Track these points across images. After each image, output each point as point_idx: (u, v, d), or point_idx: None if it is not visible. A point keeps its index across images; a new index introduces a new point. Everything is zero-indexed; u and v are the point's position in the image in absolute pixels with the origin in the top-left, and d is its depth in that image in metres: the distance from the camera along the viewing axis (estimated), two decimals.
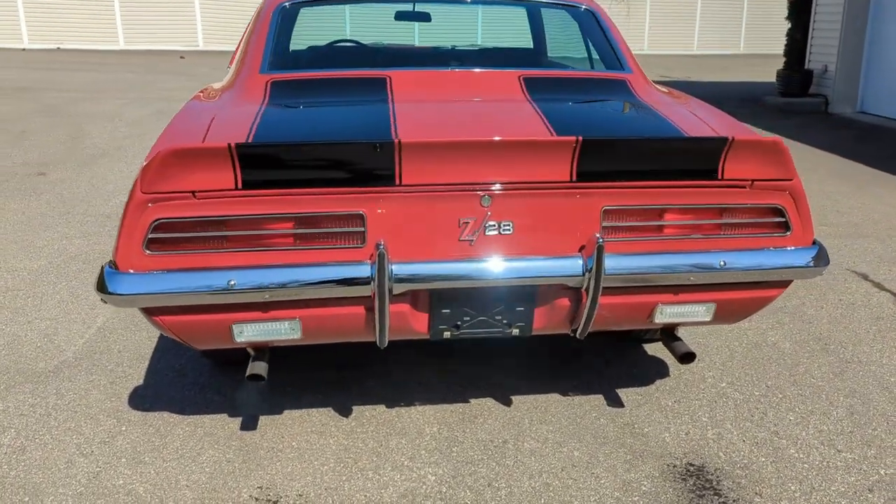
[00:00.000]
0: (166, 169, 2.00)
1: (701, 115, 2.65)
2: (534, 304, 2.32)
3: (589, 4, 3.30)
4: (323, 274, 2.10)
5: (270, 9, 3.09)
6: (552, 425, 2.73)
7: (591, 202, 2.22)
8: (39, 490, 2.35)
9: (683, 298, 2.35)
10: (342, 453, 2.56)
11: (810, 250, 2.35)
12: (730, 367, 3.17)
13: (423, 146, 2.06)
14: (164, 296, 2.07)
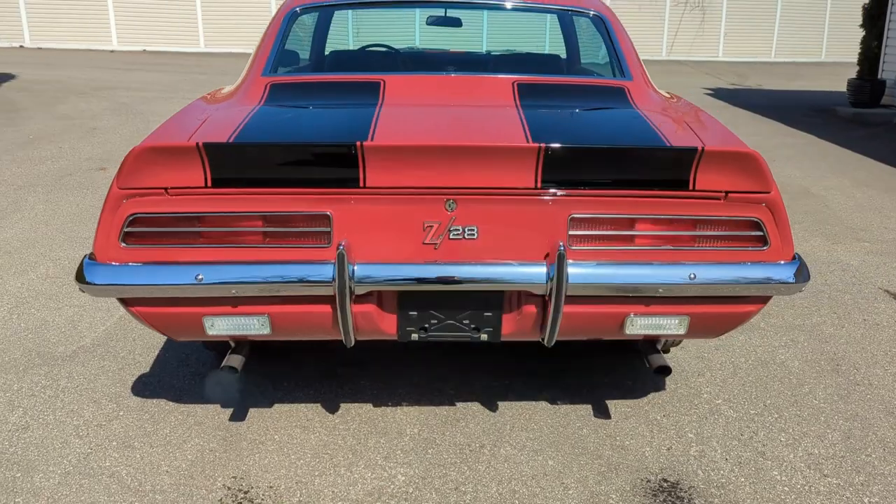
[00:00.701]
0: (140, 166, 2.08)
1: (694, 125, 2.59)
2: (501, 310, 2.32)
3: (598, 10, 3.26)
4: (286, 272, 2.15)
5: (282, 14, 3.17)
6: (533, 432, 2.71)
7: (558, 210, 2.19)
8: (32, 467, 2.47)
9: (655, 310, 2.30)
10: (321, 449, 2.61)
11: (789, 266, 2.27)
12: (730, 383, 3.07)
13: (385, 149, 2.09)
14: (136, 287, 2.16)
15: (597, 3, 3.35)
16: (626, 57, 3.05)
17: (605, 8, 3.32)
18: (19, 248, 4.53)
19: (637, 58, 3.13)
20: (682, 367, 3.20)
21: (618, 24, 3.23)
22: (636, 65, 3.05)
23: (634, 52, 3.17)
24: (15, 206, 5.40)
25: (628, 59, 3.05)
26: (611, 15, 3.27)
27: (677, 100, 3.08)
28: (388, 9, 3.48)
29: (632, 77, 2.97)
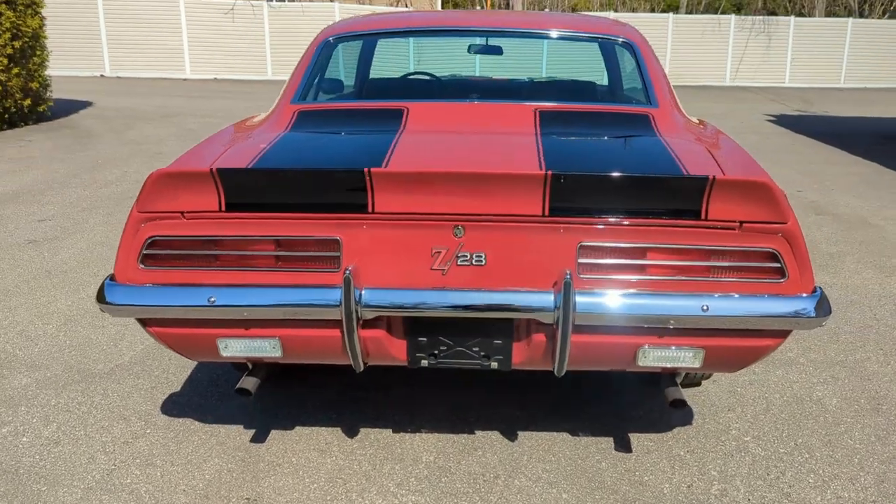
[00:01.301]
0: (158, 190, 2.14)
1: (716, 152, 2.52)
2: (511, 338, 2.28)
3: (627, 37, 3.22)
4: (295, 296, 2.16)
5: (316, 42, 3.24)
6: (550, 464, 2.66)
7: (567, 237, 2.16)
8: (57, 481, 2.54)
9: (668, 342, 2.23)
10: (336, 473, 2.61)
11: (808, 299, 2.17)
12: (761, 420, 2.95)
13: (392, 176, 2.09)
14: (152, 308, 2.21)
15: (627, 30, 3.31)
16: (653, 84, 3.00)
17: (634, 34, 3.28)
18: (75, 267, 4.70)
19: (666, 84, 3.08)
20: (712, 401, 3.09)
21: (647, 50, 3.19)
22: (664, 91, 3.00)
23: (664, 78, 3.12)
24: (77, 227, 5.61)
25: (656, 86, 2.99)
26: (640, 41, 3.23)
27: (704, 127, 3.01)
28: (423, 38, 3.51)
29: (658, 104, 2.92)
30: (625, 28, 3.35)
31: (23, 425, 2.88)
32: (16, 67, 10.11)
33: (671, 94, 3.10)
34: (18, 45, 10.10)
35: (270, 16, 19.01)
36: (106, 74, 18.22)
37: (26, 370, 3.33)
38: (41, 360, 3.43)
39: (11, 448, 2.73)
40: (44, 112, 10.92)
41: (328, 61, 3.27)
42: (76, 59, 17.71)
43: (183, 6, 18.20)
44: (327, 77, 3.23)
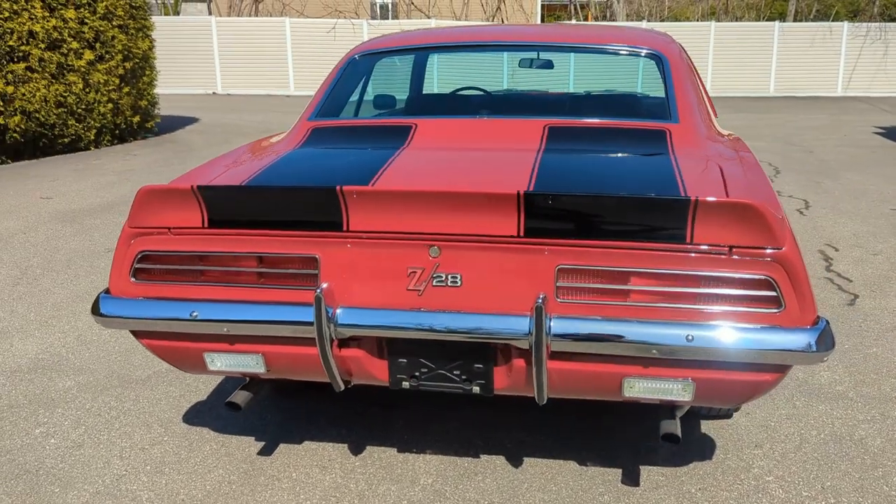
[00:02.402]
0: (145, 206, 2.18)
1: (729, 173, 2.34)
2: (492, 362, 2.19)
3: (655, 48, 3.04)
4: (273, 313, 2.16)
5: (343, 60, 3.24)
6: (550, 494, 2.53)
7: (544, 259, 2.04)
8: (70, 484, 2.63)
9: (654, 373, 2.07)
10: (331, 491, 2.57)
11: (807, 332, 1.96)
12: (789, 458, 2.71)
13: (365, 194, 2.05)
14: (140, 321, 2.25)
15: (659, 41, 3.13)
16: (677, 98, 2.82)
17: (665, 45, 3.10)
18: None
19: (694, 98, 2.89)
20: (739, 435, 2.87)
21: (677, 62, 3.00)
22: (689, 106, 2.81)
23: (692, 92, 2.94)
24: None
25: (679, 100, 2.82)
26: (671, 53, 3.05)
27: (732, 144, 2.80)
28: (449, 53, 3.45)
29: (679, 119, 2.75)
30: (657, 39, 3.18)
31: (55, 427, 3.00)
32: (126, 87, 10.74)
33: (700, 108, 2.91)
34: (129, 65, 10.73)
35: (370, 33, 19.43)
36: (218, 92, 19.10)
37: (73, 374, 3.48)
38: (88, 365, 3.58)
39: (39, 449, 2.85)
40: (151, 128, 11.55)
41: (354, 78, 3.26)
42: (191, 78, 18.65)
43: (288, 26, 18.87)
44: (351, 92, 3.22)
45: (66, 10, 9.59)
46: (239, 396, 2.47)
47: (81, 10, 9.85)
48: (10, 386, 3.36)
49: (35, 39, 9.21)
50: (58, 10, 9.51)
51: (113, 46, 10.35)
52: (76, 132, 9.92)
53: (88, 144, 10.22)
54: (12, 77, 8.94)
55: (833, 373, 3.39)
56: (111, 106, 10.39)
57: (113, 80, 10.40)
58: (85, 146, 10.16)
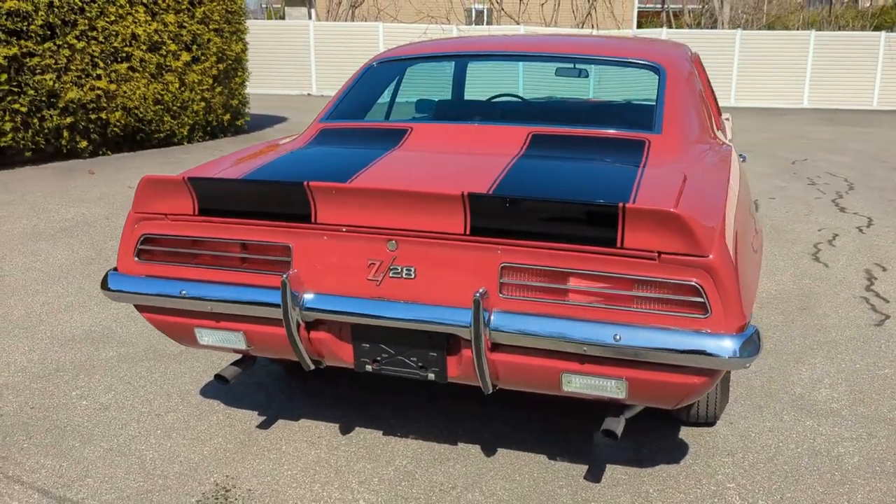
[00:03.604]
0: (146, 194, 2.43)
1: (692, 187, 2.39)
2: (445, 351, 2.33)
3: (654, 60, 3.09)
4: (248, 295, 2.37)
5: (362, 67, 3.44)
6: (511, 483, 2.64)
7: (490, 257, 2.18)
8: (89, 440, 2.93)
9: (589, 370, 2.16)
10: (312, 464, 2.77)
11: (731, 338, 2.01)
12: (758, 469, 2.72)
13: (329, 190, 2.23)
14: (140, 296, 2.51)
15: (662, 53, 3.18)
16: (666, 109, 2.88)
17: (668, 57, 3.14)
18: None
19: (687, 110, 2.93)
20: (715, 442, 2.89)
21: (676, 74, 3.05)
22: (677, 117, 2.86)
23: (689, 103, 2.98)
24: None
25: (667, 111, 2.87)
26: (671, 65, 3.09)
27: (717, 156, 2.82)
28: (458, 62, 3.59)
29: (662, 130, 2.80)
30: (661, 51, 3.22)
31: (89, 391, 3.34)
32: (219, 87, 11.36)
33: (693, 119, 2.95)
34: (223, 67, 11.35)
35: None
36: (312, 93, 19.80)
37: (116, 346, 3.83)
38: (131, 339, 3.92)
39: (72, 408, 3.18)
40: (241, 126, 12.17)
41: (373, 84, 3.46)
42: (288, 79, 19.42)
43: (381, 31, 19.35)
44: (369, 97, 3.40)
45: (166, 15, 10.26)
46: (228, 371, 2.71)
47: (181, 14, 10.51)
48: (62, 353, 3.73)
49: (137, 41, 9.90)
50: (159, 14, 10.19)
51: (208, 49, 10.98)
52: (171, 128, 10.59)
53: (182, 140, 10.88)
54: (115, 76, 9.65)
55: (833, 390, 3.33)
56: (204, 104, 11.02)
57: (207, 80, 11.03)
58: (178, 141, 10.83)
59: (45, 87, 8.76)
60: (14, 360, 3.65)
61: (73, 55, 9.09)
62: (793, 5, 26.48)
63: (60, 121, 9.07)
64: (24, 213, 6.57)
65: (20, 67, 8.55)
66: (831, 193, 7.88)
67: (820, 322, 4.16)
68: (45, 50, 8.74)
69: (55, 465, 2.76)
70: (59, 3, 8.84)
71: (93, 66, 9.37)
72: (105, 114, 9.57)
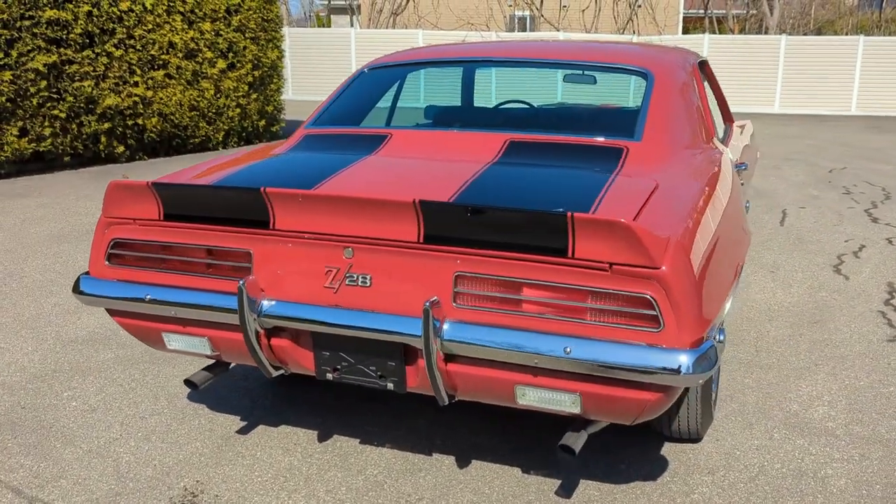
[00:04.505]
0: (113, 199, 2.44)
1: (659, 196, 2.30)
2: (404, 361, 2.28)
3: (643, 66, 3.00)
4: (208, 300, 2.36)
5: (353, 73, 3.43)
6: (480, 496, 2.58)
7: (444, 266, 2.13)
8: (71, 441, 2.96)
9: (542, 383, 2.09)
10: (283, 471, 2.75)
11: (684, 353, 1.92)
12: (737, 488, 2.60)
13: (285, 196, 2.20)
14: (109, 300, 2.52)
15: (652, 59, 3.09)
16: (649, 116, 2.79)
17: (659, 63, 3.05)
18: None
19: (673, 117, 2.83)
20: (697, 460, 2.78)
21: (665, 80, 2.95)
22: (658, 125, 2.77)
23: (676, 110, 2.88)
24: None
25: (650, 119, 2.77)
26: (661, 71, 2.99)
27: (700, 166, 2.72)
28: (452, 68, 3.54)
29: (642, 138, 2.71)
30: (652, 56, 3.13)
31: (80, 392, 3.38)
32: (254, 93, 11.52)
33: (679, 126, 2.85)
34: (258, 74, 11.51)
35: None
36: None
37: (115, 348, 3.88)
38: (131, 342, 3.96)
39: (61, 409, 3.22)
40: (276, 131, 12.32)
41: (364, 89, 3.43)
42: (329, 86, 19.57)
43: (421, 38, 19.41)
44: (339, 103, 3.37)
45: (203, 23, 10.45)
46: (198, 376, 2.70)
47: (217, 22, 10.70)
48: (62, 354, 3.79)
49: (174, 49, 10.09)
50: (196, 23, 10.38)
51: (244, 56, 11.15)
52: (206, 133, 10.77)
53: (217, 145, 11.06)
54: (152, 83, 9.85)
55: (831, 408, 3.18)
56: (239, 111, 11.19)
57: (242, 86, 11.20)
58: (213, 146, 11.01)
59: (83, 94, 8.99)
60: (16, 359, 3.72)
61: (111, 63, 9.32)
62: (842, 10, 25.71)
63: (98, 126, 9.30)
64: (54, 215, 6.74)
65: (59, 74, 8.79)
66: (865, 203, 7.60)
67: (830, 336, 3.98)
68: (83, 58, 8.98)
69: (34, 465, 2.79)
70: (97, 13, 9.07)
71: (130, 74, 9.58)
72: (142, 120, 9.78)
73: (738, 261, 2.59)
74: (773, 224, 6.69)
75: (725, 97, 4.45)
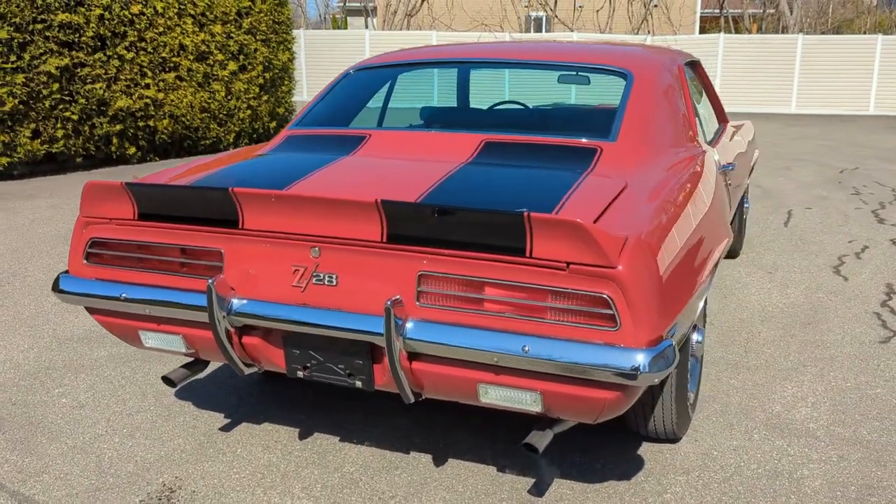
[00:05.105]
0: (90, 199, 2.48)
1: (626, 196, 2.30)
2: (371, 359, 2.30)
3: (623, 66, 3.00)
4: (179, 298, 2.40)
5: (339, 75, 3.45)
6: (453, 493, 2.59)
7: (407, 265, 2.15)
8: (57, 437, 3.01)
9: (504, 381, 2.11)
10: (262, 468, 2.78)
11: (640, 352, 1.92)
12: (711, 488, 2.59)
13: (253, 196, 2.23)
14: (87, 298, 2.56)
15: (634, 59, 3.08)
16: (625, 117, 2.79)
17: (640, 63, 3.04)
18: None
19: (649, 118, 2.83)
20: (674, 460, 2.77)
21: (645, 80, 2.95)
22: (635, 126, 2.76)
23: (655, 111, 2.88)
24: None
25: (626, 120, 2.77)
26: (641, 71, 2.99)
27: (676, 168, 2.71)
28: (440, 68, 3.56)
29: (617, 138, 2.71)
30: (634, 57, 3.13)
31: (71, 389, 3.43)
32: (265, 95, 11.62)
33: (657, 127, 2.85)
34: (269, 76, 11.61)
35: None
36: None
37: (110, 346, 3.93)
38: None
39: (50, 406, 3.27)
40: None
41: (350, 91, 3.46)
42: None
43: (435, 39, 19.45)
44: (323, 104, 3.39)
45: (213, 26, 10.55)
46: (175, 374, 2.74)
47: (228, 25, 10.80)
48: (57, 352, 3.86)
49: (185, 52, 10.20)
50: (207, 25, 10.48)
51: (255, 58, 11.24)
52: (217, 135, 10.88)
53: (228, 146, 11.15)
54: (163, 85, 9.97)
55: (815, 409, 3.16)
56: (250, 112, 11.29)
57: (253, 88, 11.29)
58: (224, 148, 11.10)
59: (95, 96, 9.11)
60: (12, 357, 3.79)
61: (123, 65, 9.43)
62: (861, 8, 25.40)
63: (110, 128, 9.42)
64: (63, 216, 6.84)
65: (71, 77, 8.91)
66: (873, 204, 7.51)
67: (821, 338, 3.95)
68: (95, 60, 9.10)
69: (19, 460, 2.84)
70: (109, 16, 9.19)
71: (141, 76, 9.70)
72: (153, 121, 9.90)
73: (711, 261, 2.58)
74: (776, 225, 6.64)
75: (719, 97, 4.42)
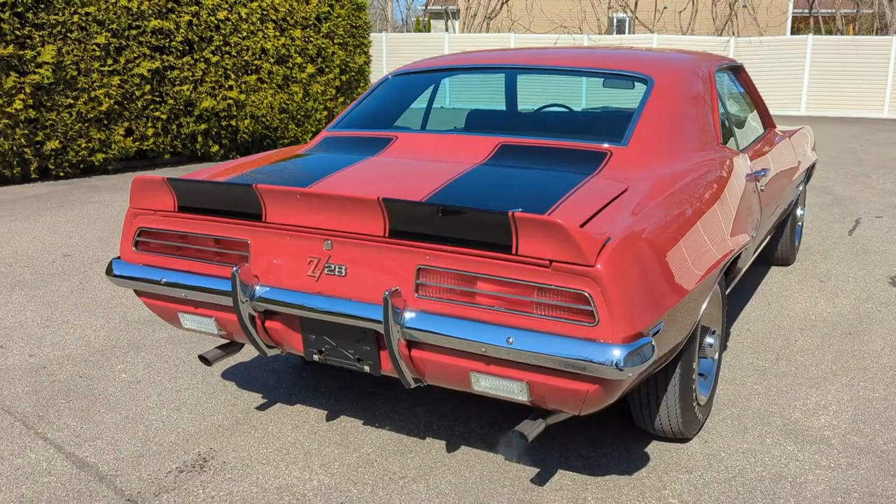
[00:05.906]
0: (138, 193, 2.74)
1: (623, 200, 2.38)
2: (377, 346, 2.46)
3: (645, 73, 3.06)
4: (208, 284, 2.62)
5: (380, 79, 3.64)
6: (460, 478, 2.72)
7: (408, 259, 2.30)
8: (113, 407, 3.31)
9: (493, 371, 2.23)
10: (288, 445, 2.98)
11: (615, 347, 2.01)
12: (710, 488, 2.63)
13: (273, 192, 2.43)
14: (134, 281, 2.82)
15: (657, 65, 3.14)
16: (640, 121, 2.85)
17: (662, 70, 3.09)
18: None
19: (666, 123, 2.88)
20: (680, 459, 2.82)
21: (666, 86, 3.00)
22: (647, 131, 2.82)
23: (670, 116, 2.93)
24: None
25: (640, 124, 2.84)
26: (663, 77, 3.04)
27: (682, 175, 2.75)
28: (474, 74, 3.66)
29: (628, 143, 2.78)
30: (658, 63, 3.18)
31: (131, 366, 3.74)
32: (342, 97, 11.99)
33: (670, 132, 2.89)
34: (345, 78, 11.98)
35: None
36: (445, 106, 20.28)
37: (169, 328, 4.24)
38: None
39: (111, 381, 3.59)
40: None
41: (389, 94, 3.64)
42: None
43: (513, 41, 19.52)
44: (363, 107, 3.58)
45: (294, 31, 10.98)
46: (211, 353, 2.98)
47: (307, 30, 11.21)
48: (124, 332, 4.20)
49: (266, 55, 10.66)
50: (287, 30, 10.93)
51: (332, 61, 11.63)
52: (295, 135, 11.31)
53: None
54: (245, 87, 10.45)
55: (835, 417, 3.13)
56: (326, 113, 11.68)
57: (330, 90, 11.68)
58: None
59: (182, 97, 9.65)
60: (85, 335, 4.15)
61: (209, 68, 9.95)
62: None
63: (195, 127, 9.96)
64: None
65: (161, 79, 9.48)
66: None
67: (860, 348, 3.87)
68: (183, 63, 9.64)
69: (78, 426, 3.15)
70: (197, 22, 9.72)
71: (225, 78, 10.20)
72: (235, 121, 10.39)
73: (715, 263, 2.62)
74: (840, 233, 6.45)
75: (764, 101, 4.38)
